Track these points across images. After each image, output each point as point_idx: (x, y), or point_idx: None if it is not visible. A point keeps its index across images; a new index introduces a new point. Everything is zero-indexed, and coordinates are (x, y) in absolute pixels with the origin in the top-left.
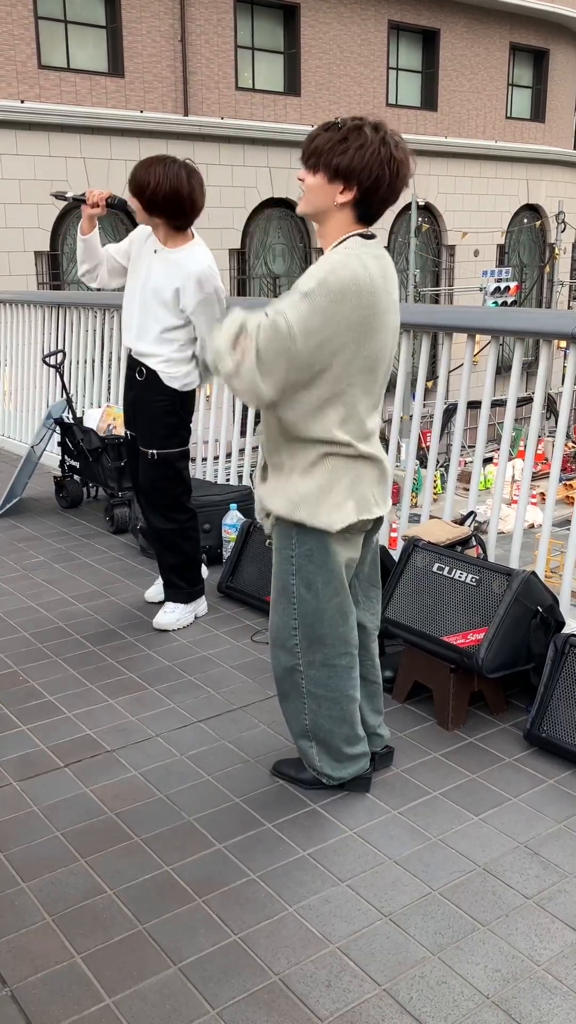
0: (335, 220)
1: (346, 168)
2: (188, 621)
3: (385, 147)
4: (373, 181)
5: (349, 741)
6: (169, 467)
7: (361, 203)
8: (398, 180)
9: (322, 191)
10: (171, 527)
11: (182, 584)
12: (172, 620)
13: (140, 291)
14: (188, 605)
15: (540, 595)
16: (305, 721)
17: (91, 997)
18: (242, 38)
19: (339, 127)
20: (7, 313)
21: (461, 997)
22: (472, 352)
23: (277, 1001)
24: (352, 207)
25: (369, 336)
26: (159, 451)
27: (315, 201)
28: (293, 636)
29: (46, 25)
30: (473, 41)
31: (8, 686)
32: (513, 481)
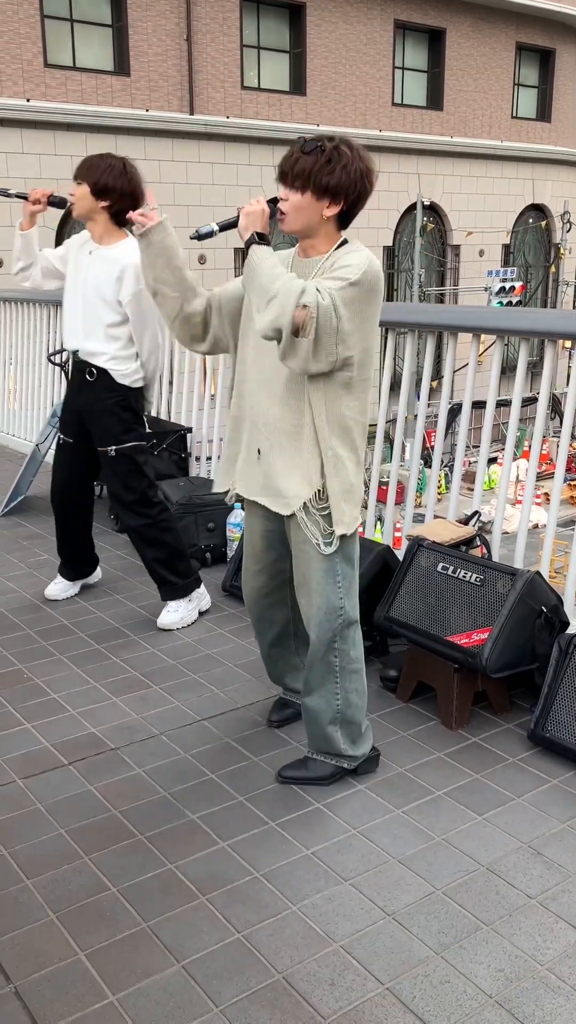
0: (323, 231)
1: (335, 186)
2: (192, 618)
3: (362, 162)
4: (357, 195)
5: (363, 713)
6: (130, 462)
7: (346, 215)
8: (371, 189)
9: (311, 208)
10: (144, 522)
11: (174, 579)
12: (175, 620)
13: (81, 292)
14: (189, 601)
15: (544, 595)
16: (337, 703)
17: (94, 994)
18: (248, 37)
19: (321, 149)
20: (12, 312)
21: (464, 996)
22: (477, 352)
23: (280, 999)
24: (336, 219)
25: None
26: (118, 447)
27: (304, 218)
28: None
29: (52, 24)
30: (479, 41)
31: (12, 683)
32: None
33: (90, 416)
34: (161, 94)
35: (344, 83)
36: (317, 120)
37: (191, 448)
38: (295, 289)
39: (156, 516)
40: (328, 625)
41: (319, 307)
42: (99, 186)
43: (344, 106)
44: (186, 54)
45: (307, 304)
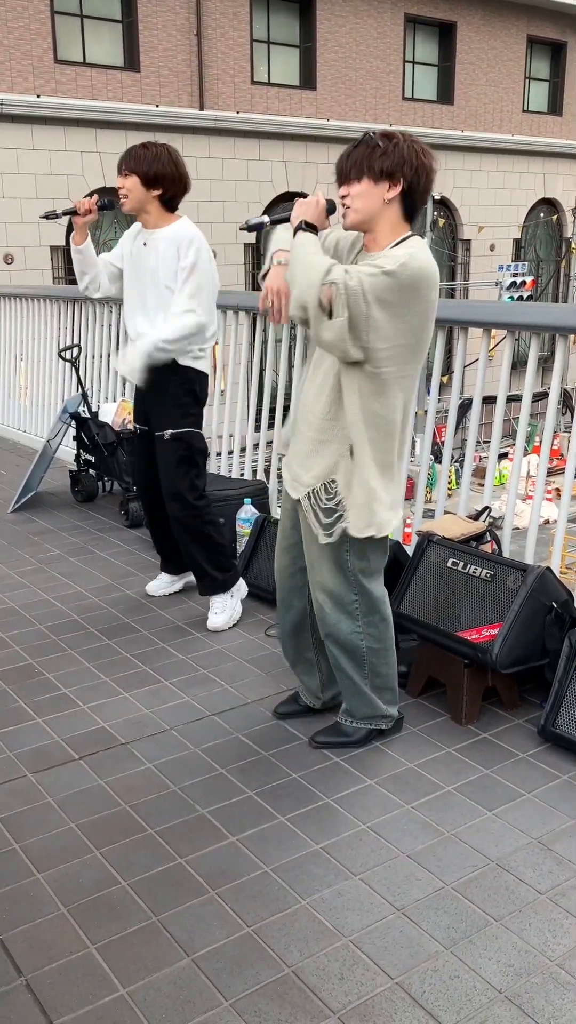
0: (385, 219)
1: (390, 167)
2: (239, 612)
3: (415, 144)
4: (414, 172)
5: (394, 680)
6: (185, 447)
7: (406, 196)
8: (431, 173)
9: (370, 193)
10: (191, 513)
11: (215, 574)
12: (225, 620)
13: (143, 279)
14: (231, 596)
15: (555, 591)
16: (366, 674)
17: (105, 987)
18: (258, 32)
19: (368, 141)
20: (23, 308)
21: (474, 991)
22: (487, 347)
23: (290, 993)
24: (400, 202)
25: (431, 324)
26: (173, 431)
27: (365, 206)
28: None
29: (62, 20)
30: (490, 34)
31: (24, 679)
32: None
33: (152, 401)
34: (171, 89)
35: (354, 77)
36: (327, 115)
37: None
38: (322, 267)
39: (203, 507)
40: (341, 614)
41: (347, 287)
42: (150, 175)
43: (354, 101)
44: (196, 49)
45: (335, 281)
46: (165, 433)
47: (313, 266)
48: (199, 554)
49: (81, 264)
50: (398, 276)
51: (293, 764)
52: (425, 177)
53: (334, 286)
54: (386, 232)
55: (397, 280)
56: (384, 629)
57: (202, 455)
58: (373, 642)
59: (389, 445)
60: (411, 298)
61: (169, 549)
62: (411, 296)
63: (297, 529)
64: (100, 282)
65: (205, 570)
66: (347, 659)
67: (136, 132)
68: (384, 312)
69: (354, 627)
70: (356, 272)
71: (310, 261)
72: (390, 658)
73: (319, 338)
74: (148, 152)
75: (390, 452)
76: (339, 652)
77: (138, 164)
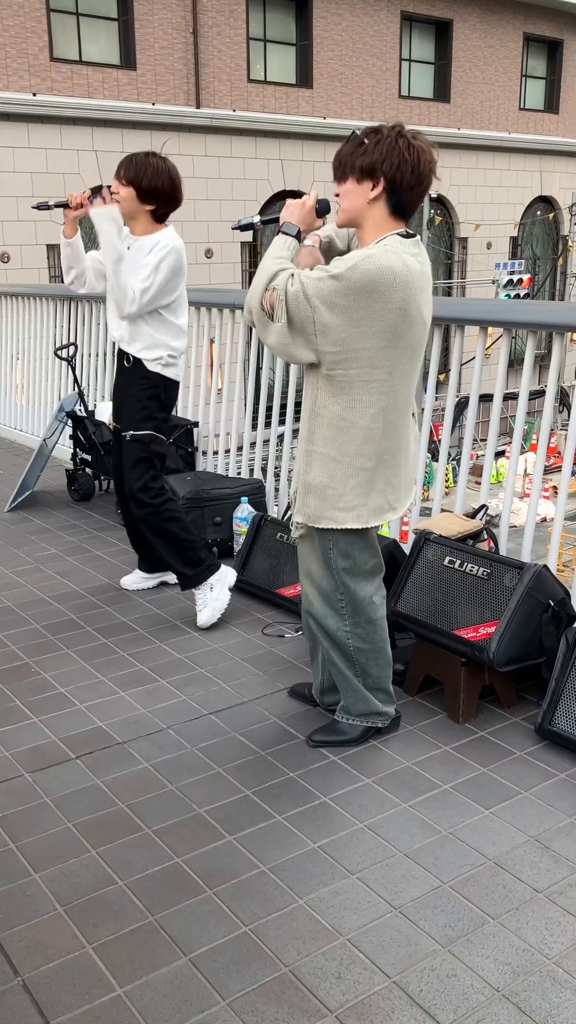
0: (371, 218)
1: (368, 165)
2: (224, 601)
3: (402, 139)
4: (395, 169)
5: (388, 680)
6: (142, 449)
7: (391, 194)
8: (420, 166)
9: (354, 193)
10: (148, 511)
11: (183, 570)
12: (209, 615)
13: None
14: (211, 589)
15: (552, 589)
16: (358, 674)
17: (102, 987)
18: (254, 30)
19: (354, 138)
20: (19, 306)
21: (471, 990)
22: (484, 345)
23: (287, 992)
24: (384, 201)
25: (405, 327)
26: (134, 432)
27: (350, 205)
28: (340, 599)
29: (58, 18)
30: (486, 32)
31: (20, 678)
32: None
33: (121, 401)
34: (167, 88)
35: (351, 75)
36: (324, 113)
37: (198, 443)
38: (269, 271)
39: (159, 506)
40: (329, 609)
41: (287, 292)
42: (147, 190)
43: (351, 99)
44: (192, 47)
45: (275, 287)
46: (127, 434)
47: (263, 270)
48: (165, 551)
49: (69, 258)
50: (346, 279)
51: (290, 763)
52: (411, 172)
53: (275, 291)
54: (370, 231)
55: (345, 283)
56: (372, 631)
57: (160, 459)
58: (360, 642)
59: (347, 447)
60: (366, 301)
61: (143, 548)
62: (365, 299)
63: None
64: (86, 278)
65: (174, 567)
66: (337, 653)
67: (132, 130)
68: (336, 316)
69: (341, 625)
70: (301, 277)
71: (263, 266)
72: (381, 659)
73: (263, 340)
74: (150, 166)
75: (347, 453)
76: (329, 645)
77: (137, 175)
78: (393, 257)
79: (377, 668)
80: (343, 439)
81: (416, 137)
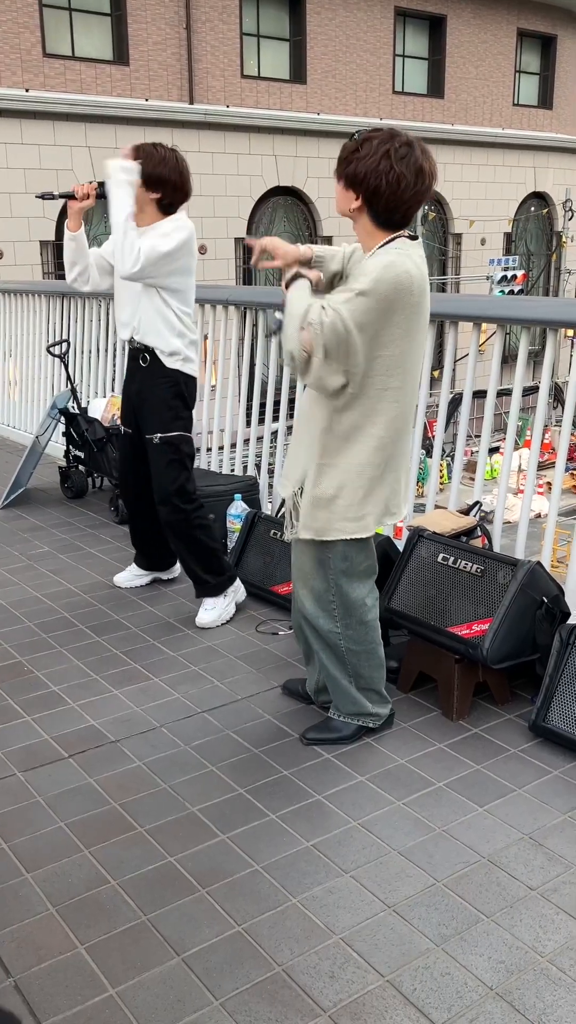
0: (360, 224)
1: (352, 175)
2: (229, 614)
3: (387, 160)
4: (371, 191)
5: (380, 680)
6: (174, 451)
7: (370, 209)
8: (399, 192)
9: (341, 196)
10: (179, 517)
11: (206, 577)
12: (214, 617)
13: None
14: (224, 597)
15: (546, 585)
16: (350, 676)
17: (94, 987)
18: (247, 25)
19: (353, 140)
20: (12, 303)
21: (465, 988)
22: (478, 341)
23: (280, 992)
24: (366, 212)
25: (416, 331)
26: (163, 435)
27: (339, 207)
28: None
29: (51, 13)
30: (480, 27)
31: (13, 676)
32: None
33: (141, 403)
34: (161, 83)
35: (344, 71)
36: (318, 108)
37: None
38: (300, 311)
39: (192, 512)
40: (321, 610)
41: (323, 325)
42: (152, 177)
43: (345, 94)
44: (185, 43)
45: (311, 322)
46: (155, 437)
47: (292, 314)
48: (189, 558)
49: (73, 253)
50: (374, 292)
51: (284, 761)
52: (388, 197)
53: (311, 326)
54: (364, 238)
55: (373, 297)
56: (364, 632)
57: (190, 459)
58: (352, 644)
59: (359, 457)
60: (389, 308)
61: (144, 546)
62: (389, 307)
63: None
64: (90, 274)
65: (196, 573)
66: (328, 654)
67: (126, 126)
68: (365, 332)
69: (333, 627)
70: (332, 304)
71: (290, 310)
72: (373, 660)
73: (303, 380)
74: (156, 153)
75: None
76: (320, 646)
77: (144, 164)
78: (408, 261)
79: (369, 669)
80: (355, 450)
81: (404, 159)
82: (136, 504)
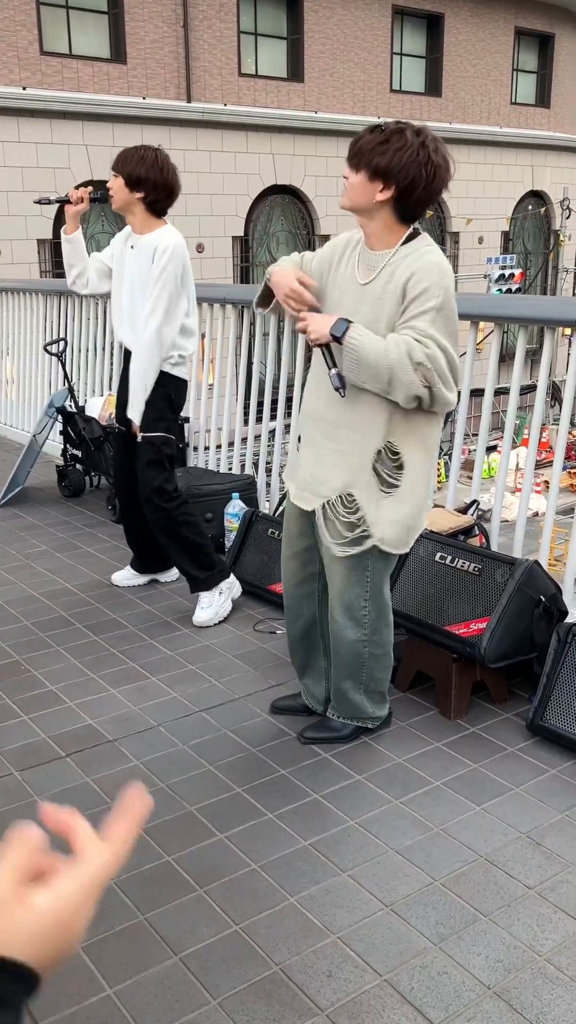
0: (379, 218)
1: (385, 168)
2: (226, 611)
3: (424, 150)
4: (409, 182)
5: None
6: (154, 451)
7: (398, 202)
8: (434, 183)
9: (363, 188)
10: (161, 515)
11: (195, 573)
12: (210, 615)
13: (127, 285)
14: (220, 594)
15: (543, 584)
16: (362, 680)
17: (92, 987)
18: (245, 24)
19: (382, 130)
20: (9, 301)
21: (462, 987)
22: (476, 340)
23: (278, 991)
24: (391, 206)
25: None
26: (145, 434)
27: (356, 198)
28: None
29: (48, 11)
30: (478, 26)
31: (10, 675)
32: (516, 469)
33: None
34: (158, 81)
35: (342, 69)
36: (315, 107)
37: (188, 438)
38: (404, 360)
39: (172, 509)
40: (350, 621)
41: (431, 359)
42: (132, 177)
43: (342, 93)
44: (183, 41)
45: (419, 362)
46: (138, 436)
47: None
48: (178, 554)
49: (70, 255)
50: (447, 305)
51: (281, 760)
52: (423, 188)
53: (421, 366)
54: (382, 232)
55: (448, 308)
56: (387, 635)
57: (170, 460)
58: (376, 648)
59: (432, 461)
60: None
61: (138, 546)
62: (455, 311)
63: (305, 536)
64: (88, 277)
65: (186, 569)
66: (347, 666)
67: (123, 125)
68: (455, 342)
69: (360, 635)
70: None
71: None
72: (387, 661)
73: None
74: (135, 154)
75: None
76: (336, 660)
77: (124, 165)
78: (444, 259)
79: (383, 671)
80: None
81: (437, 151)
82: (129, 502)
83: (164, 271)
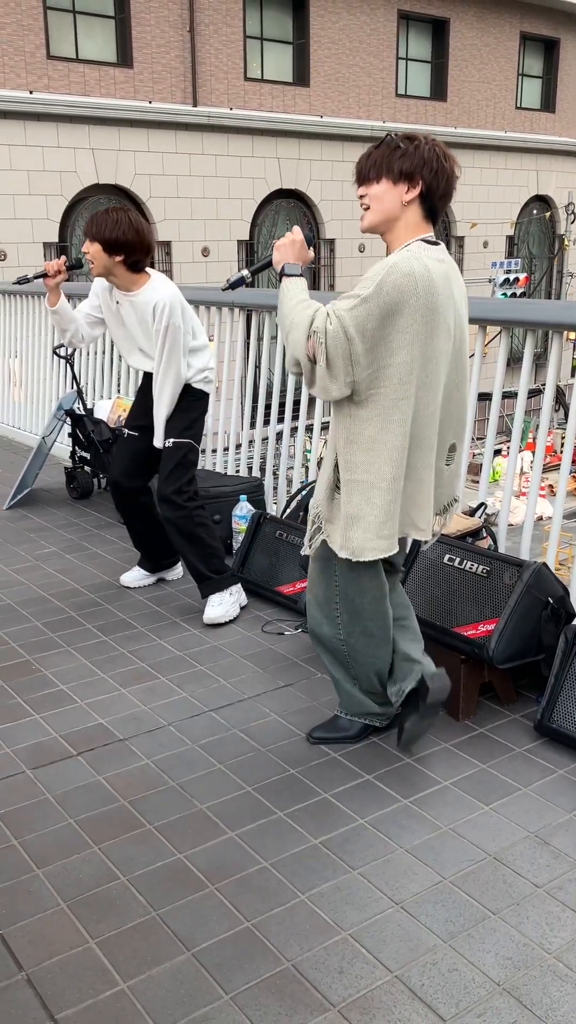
0: (403, 223)
1: (409, 168)
2: (235, 612)
3: (436, 146)
4: (434, 175)
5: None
6: (183, 455)
7: (426, 198)
8: (452, 176)
9: (388, 195)
10: (180, 514)
11: (208, 574)
12: (220, 613)
13: (125, 331)
14: (230, 595)
15: (551, 586)
16: (351, 674)
17: (106, 982)
18: (251, 28)
19: (389, 142)
20: (18, 304)
21: (472, 984)
22: (482, 344)
23: (289, 987)
24: (419, 204)
25: (430, 335)
26: (176, 439)
27: (383, 207)
28: (335, 609)
29: (55, 15)
30: (483, 30)
31: (21, 675)
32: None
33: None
34: (164, 86)
35: (348, 74)
36: (320, 111)
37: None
38: (306, 319)
39: (192, 510)
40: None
41: (326, 333)
42: (110, 243)
43: (348, 97)
44: (189, 45)
45: (316, 331)
46: (168, 441)
47: (297, 323)
48: (191, 555)
49: (59, 323)
50: (376, 299)
51: (291, 759)
52: (445, 181)
53: (316, 335)
54: (402, 234)
55: (376, 303)
56: (363, 644)
57: (194, 465)
58: (354, 652)
59: (383, 470)
60: (392, 315)
61: (145, 547)
62: (391, 314)
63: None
64: (82, 333)
65: (200, 571)
66: (329, 657)
67: (129, 128)
68: (369, 340)
69: (335, 632)
70: (336, 311)
71: (295, 319)
72: (372, 669)
73: (308, 388)
74: (109, 219)
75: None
76: (321, 650)
77: (99, 231)
78: (415, 262)
79: (368, 680)
80: (379, 462)
81: (438, 144)
82: (129, 507)
83: (168, 328)
